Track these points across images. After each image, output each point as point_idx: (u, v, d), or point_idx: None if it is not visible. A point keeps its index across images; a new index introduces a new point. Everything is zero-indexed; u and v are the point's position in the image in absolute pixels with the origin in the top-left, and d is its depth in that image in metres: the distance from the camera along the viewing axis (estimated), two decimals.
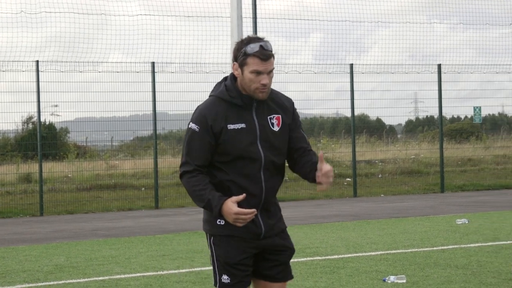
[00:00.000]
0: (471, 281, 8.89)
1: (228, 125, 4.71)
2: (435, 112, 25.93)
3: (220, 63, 22.40)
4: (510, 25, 28.04)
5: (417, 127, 34.89)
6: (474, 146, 31.32)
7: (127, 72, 21.99)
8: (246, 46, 4.66)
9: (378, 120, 32.30)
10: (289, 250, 4.96)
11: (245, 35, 5.00)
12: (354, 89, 24.33)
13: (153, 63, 21.71)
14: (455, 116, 32.19)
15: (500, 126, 34.76)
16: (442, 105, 25.11)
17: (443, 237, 12.98)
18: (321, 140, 29.56)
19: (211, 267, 4.88)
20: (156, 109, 21.86)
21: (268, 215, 4.85)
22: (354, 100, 24.38)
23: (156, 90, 21.75)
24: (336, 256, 11.03)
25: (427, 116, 31.52)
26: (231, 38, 20.86)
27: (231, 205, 4.64)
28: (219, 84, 4.86)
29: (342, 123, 29.48)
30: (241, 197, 4.68)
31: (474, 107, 26.23)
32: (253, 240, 4.80)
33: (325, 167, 4.69)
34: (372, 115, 31.48)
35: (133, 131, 28.56)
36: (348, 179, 25.37)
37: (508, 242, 12.10)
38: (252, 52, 4.64)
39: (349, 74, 24.25)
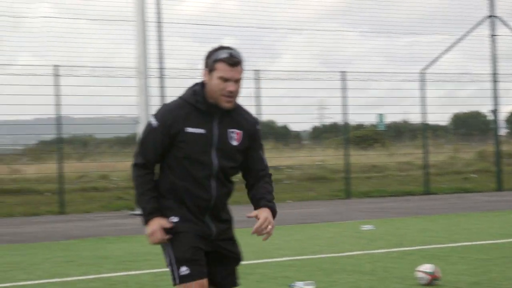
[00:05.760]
0: (377, 286, 9.00)
1: (186, 128, 4.79)
2: (340, 119, 26.25)
3: (127, 68, 22.19)
4: (414, 34, 28.61)
5: (322, 134, 35.25)
6: (379, 153, 31.81)
7: (31, 75, 21.60)
8: (215, 52, 4.79)
9: (284, 126, 32.53)
10: (237, 258, 5.14)
11: (151, 39, 5.10)
12: (263, 95, 24.60)
13: (56, 66, 21.37)
14: (361, 123, 32.63)
15: (403, 134, 35.42)
16: (348, 112, 25.43)
17: (349, 243, 13.13)
18: None
19: (167, 268, 4.90)
20: (61, 113, 21.52)
21: (219, 219, 4.97)
22: (262, 106, 24.66)
23: (61, 94, 21.42)
24: (244, 263, 11.00)
25: (333, 122, 31.87)
26: (137, 42, 20.78)
27: (157, 223, 4.80)
28: (189, 88, 4.93)
29: None
30: (169, 225, 4.80)
31: (377, 114, 26.63)
32: (205, 238, 4.88)
33: (258, 222, 5.00)
34: (279, 121, 31.72)
35: (37, 135, 28.08)
36: None
37: (412, 248, 12.31)
38: (220, 57, 4.75)
39: (254, 80, 24.55)
